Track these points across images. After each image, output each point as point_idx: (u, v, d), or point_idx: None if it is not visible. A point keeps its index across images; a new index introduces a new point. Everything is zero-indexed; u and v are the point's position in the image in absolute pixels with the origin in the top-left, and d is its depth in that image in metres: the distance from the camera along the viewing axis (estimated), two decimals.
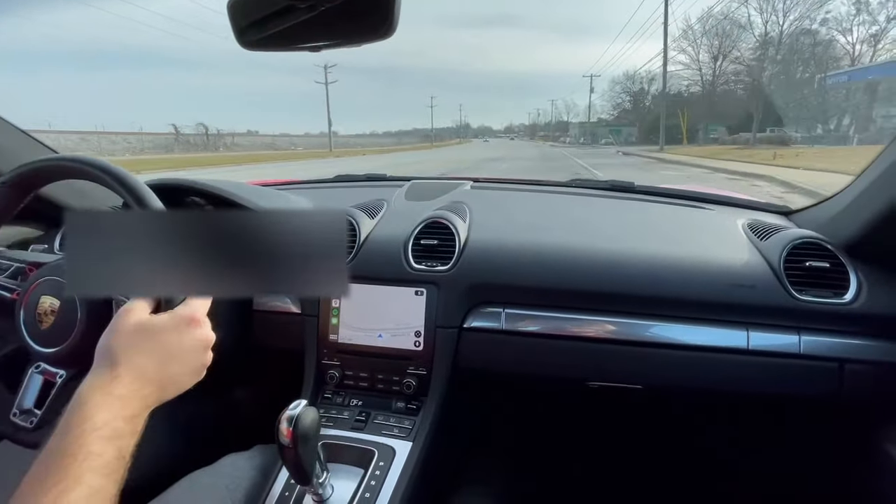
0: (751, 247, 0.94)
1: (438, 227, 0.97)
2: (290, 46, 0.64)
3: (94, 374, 0.48)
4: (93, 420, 0.43)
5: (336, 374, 0.93)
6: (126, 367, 0.48)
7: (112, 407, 0.45)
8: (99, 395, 0.45)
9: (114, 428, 0.44)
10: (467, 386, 0.95)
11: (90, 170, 0.70)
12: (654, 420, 1.30)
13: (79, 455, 0.41)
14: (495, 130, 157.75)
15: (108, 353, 0.49)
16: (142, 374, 0.48)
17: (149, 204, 0.70)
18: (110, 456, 0.43)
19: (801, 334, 0.83)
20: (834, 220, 0.94)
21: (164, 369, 0.50)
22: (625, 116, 61.22)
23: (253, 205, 0.98)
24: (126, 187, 0.70)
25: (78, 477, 0.40)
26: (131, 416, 0.46)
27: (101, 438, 0.43)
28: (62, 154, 0.79)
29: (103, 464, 0.42)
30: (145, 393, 0.48)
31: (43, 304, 0.71)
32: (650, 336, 0.86)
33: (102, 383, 0.46)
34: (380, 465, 0.79)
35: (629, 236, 1.02)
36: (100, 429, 0.43)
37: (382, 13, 0.57)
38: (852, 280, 0.83)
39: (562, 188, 1.36)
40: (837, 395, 0.82)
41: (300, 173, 9.19)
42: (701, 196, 1.24)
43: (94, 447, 0.42)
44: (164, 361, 0.51)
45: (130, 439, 0.46)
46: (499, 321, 0.90)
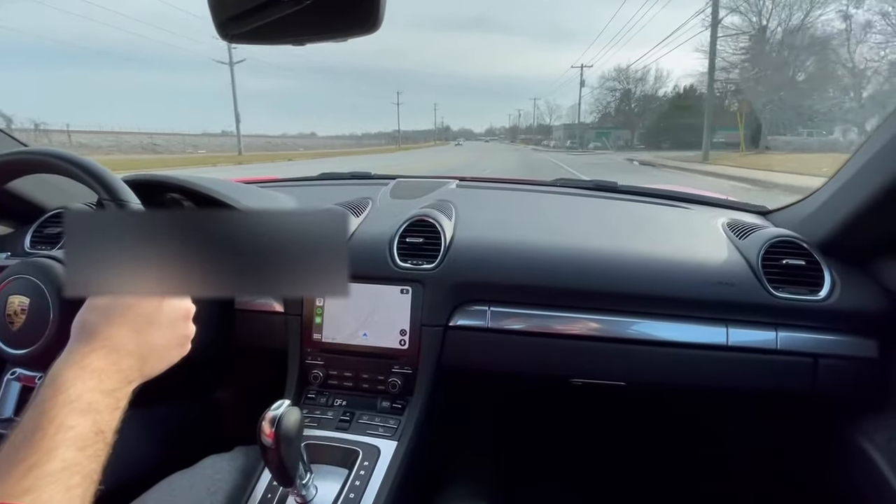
0: (730, 245, 0.96)
1: (424, 225, 0.96)
2: (273, 40, 0.63)
3: (69, 348, 0.46)
4: (66, 393, 0.42)
5: (320, 373, 0.91)
6: (102, 339, 0.47)
7: (87, 380, 0.43)
8: (74, 368, 0.44)
9: (88, 401, 0.42)
10: (453, 384, 0.95)
11: (60, 163, 0.68)
12: (637, 416, 1.32)
13: (50, 428, 0.39)
14: (476, 133, 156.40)
15: (83, 327, 0.48)
16: (118, 346, 0.47)
17: (123, 199, 0.68)
18: (84, 429, 0.41)
19: (778, 330, 0.85)
20: (809, 220, 0.96)
21: (142, 340, 0.49)
22: (612, 118, 56.09)
23: (235, 202, 0.96)
24: (99, 181, 0.68)
25: (50, 450, 0.39)
26: (109, 389, 0.45)
27: (75, 411, 0.41)
28: (31, 147, 0.76)
29: (76, 436, 0.40)
30: (123, 366, 0.47)
31: (12, 304, 0.68)
32: (632, 333, 0.87)
33: (78, 357, 0.45)
34: (364, 465, 0.78)
35: (612, 235, 1.03)
36: (73, 402, 0.42)
37: (368, 7, 0.56)
38: (826, 277, 0.86)
39: (547, 187, 1.38)
40: (812, 389, 0.85)
41: None
42: (682, 196, 1.27)
43: (66, 420, 0.40)
44: (141, 332, 0.49)
45: (109, 414, 0.44)
46: (484, 319, 0.90)
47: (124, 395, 0.47)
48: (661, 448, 1.33)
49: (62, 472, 0.38)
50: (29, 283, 0.68)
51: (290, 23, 0.60)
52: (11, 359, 0.68)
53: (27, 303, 0.67)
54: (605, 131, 54.31)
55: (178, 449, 0.90)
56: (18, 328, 0.67)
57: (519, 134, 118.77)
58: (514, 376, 1.00)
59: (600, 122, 58.67)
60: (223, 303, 0.94)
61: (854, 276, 0.87)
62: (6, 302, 0.68)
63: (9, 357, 0.68)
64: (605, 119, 58.29)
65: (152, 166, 17.11)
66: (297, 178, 1.51)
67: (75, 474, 0.39)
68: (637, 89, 53.43)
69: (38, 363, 0.68)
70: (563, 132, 66.09)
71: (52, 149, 0.69)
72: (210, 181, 1.00)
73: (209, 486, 0.76)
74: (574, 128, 60.19)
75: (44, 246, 0.95)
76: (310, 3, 0.58)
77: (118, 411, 0.45)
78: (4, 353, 0.68)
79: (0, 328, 0.68)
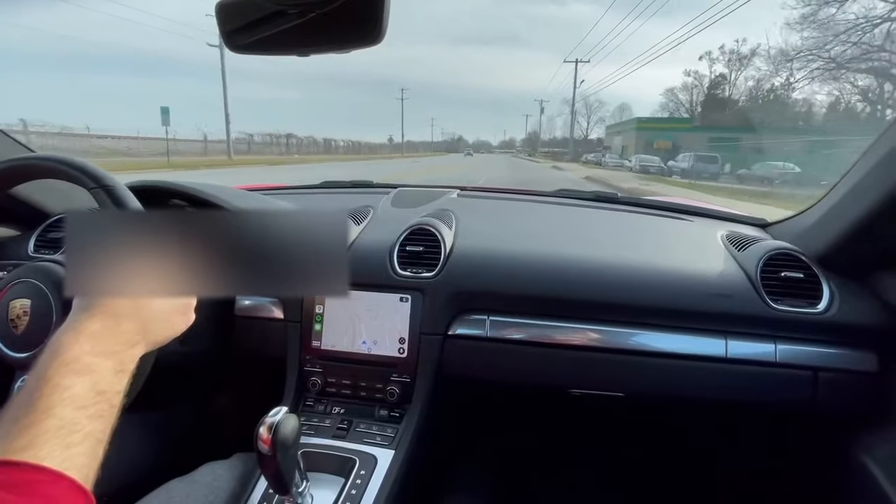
0: (729, 257, 0.96)
1: (424, 233, 0.97)
2: (278, 51, 0.64)
3: (69, 318, 0.47)
4: (62, 356, 0.42)
5: (318, 381, 0.91)
6: (99, 305, 0.47)
7: (83, 343, 0.44)
8: (70, 333, 0.44)
9: (85, 363, 0.43)
10: (451, 393, 0.95)
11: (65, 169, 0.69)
12: (635, 427, 1.32)
13: (45, 389, 0.40)
14: (494, 145, 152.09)
15: (83, 298, 0.49)
16: (116, 311, 0.47)
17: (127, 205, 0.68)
18: (82, 389, 0.41)
19: (777, 343, 0.85)
20: (807, 233, 0.97)
21: (141, 304, 0.50)
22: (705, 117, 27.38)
23: (237, 209, 0.97)
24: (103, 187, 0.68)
25: (46, 409, 0.38)
26: (109, 351, 0.45)
27: (71, 372, 0.41)
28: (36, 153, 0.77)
29: (74, 395, 0.40)
30: (123, 328, 0.47)
31: (14, 308, 0.69)
32: (632, 344, 0.87)
33: (75, 323, 0.45)
34: (361, 473, 0.78)
35: (612, 246, 1.03)
36: (69, 363, 0.42)
37: (372, 20, 0.57)
38: (825, 290, 0.86)
39: (547, 198, 1.38)
40: (812, 402, 0.85)
41: None
42: (681, 207, 1.27)
43: (62, 381, 0.41)
44: (139, 297, 0.50)
45: (112, 377, 0.44)
46: (483, 328, 0.90)
47: (128, 359, 0.47)
48: (660, 459, 1.32)
49: (59, 430, 0.38)
50: (31, 287, 0.69)
51: (294, 34, 0.61)
52: (15, 362, 0.68)
53: (29, 305, 0.68)
54: (730, 141, 23.61)
55: (176, 455, 0.90)
56: (22, 332, 0.68)
57: (540, 145, 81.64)
58: (512, 386, 1.00)
59: (705, 119, 29.58)
60: (223, 309, 0.95)
61: (852, 290, 0.87)
62: (9, 306, 0.68)
63: (12, 361, 0.68)
64: (707, 117, 28.99)
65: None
66: (299, 186, 1.52)
67: (74, 433, 0.39)
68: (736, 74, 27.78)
69: None
70: (632, 138, 34.06)
71: (58, 154, 0.70)
72: (212, 187, 1.01)
73: (206, 493, 0.76)
74: (651, 130, 31.10)
75: (47, 250, 0.96)
76: (314, 15, 0.59)
77: (122, 374, 0.46)
78: (8, 357, 0.68)
79: (4, 332, 0.68)
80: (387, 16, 0.56)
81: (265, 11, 0.60)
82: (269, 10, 0.60)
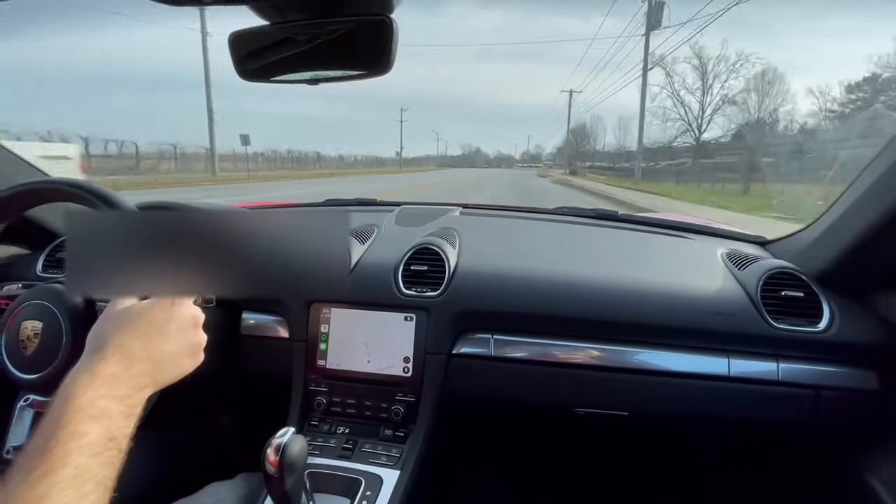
0: (729, 276, 0.97)
1: (428, 253, 0.98)
2: (288, 79, 0.66)
3: (83, 359, 0.48)
4: (77, 401, 0.42)
5: (323, 400, 0.92)
6: (113, 348, 0.48)
7: (98, 387, 0.44)
8: (86, 376, 0.45)
9: (100, 408, 0.43)
10: (455, 413, 0.95)
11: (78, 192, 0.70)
12: (640, 446, 1.31)
13: (62, 435, 0.40)
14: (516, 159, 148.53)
15: (95, 338, 0.49)
16: (129, 354, 0.48)
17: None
18: (97, 436, 0.42)
19: (779, 361, 0.85)
20: (807, 251, 0.98)
21: (154, 347, 0.50)
22: None
23: (239, 210, 0.98)
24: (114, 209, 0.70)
25: (63, 457, 0.39)
26: (121, 395, 0.45)
27: (87, 418, 0.42)
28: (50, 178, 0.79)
29: (89, 443, 0.41)
30: (135, 372, 0.48)
31: (25, 329, 0.69)
32: (635, 363, 0.88)
33: (89, 366, 0.46)
34: (367, 494, 0.77)
35: (615, 264, 1.04)
36: (85, 408, 0.42)
37: (379, 49, 0.59)
38: (825, 309, 0.87)
39: (549, 215, 1.39)
40: (815, 421, 0.85)
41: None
42: (682, 225, 1.28)
43: (78, 427, 0.41)
44: (151, 339, 0.51)
45: (122, 420, 0.45)
46: (487, 347, 0.90)
47: (137, 402, 0.48)
48: (664, 478, 1.31)
49: (75, 479, 0.39)
50: (42, 308, 0.70)
51: (303, 62, 0.63)
52: (25, 384, 0.69)
53: (40, 327, 0.69)
54: None
55: (181, 474, 0.89)
56: (31, 353, 0.68)
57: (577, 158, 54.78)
58: (516, 404, 1.00)
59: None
60: (229, 329, 0.95)
61: (853, 308, 0.88)
62: (20, 326, 0.69)
63: (22, 382, 0.69)
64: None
65: None
66: (304, 204, 1.54)
67: (88, 481, 0.39)
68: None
69: (51, 388, 0.68)
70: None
71: (73, 179, 0.71)
72: (217, 207, 1.02)
73: None
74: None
75: (56, 270, 0.97)
76: (321, 42, 0.61)
77: (131, 418, 0.46)
78: (18, 379, 0.69)
79: (14, 354, 0.69)
80: (395, 45, 0.58)
81: (274, 38, 0.62)
82: (277, 38, 0.62)
